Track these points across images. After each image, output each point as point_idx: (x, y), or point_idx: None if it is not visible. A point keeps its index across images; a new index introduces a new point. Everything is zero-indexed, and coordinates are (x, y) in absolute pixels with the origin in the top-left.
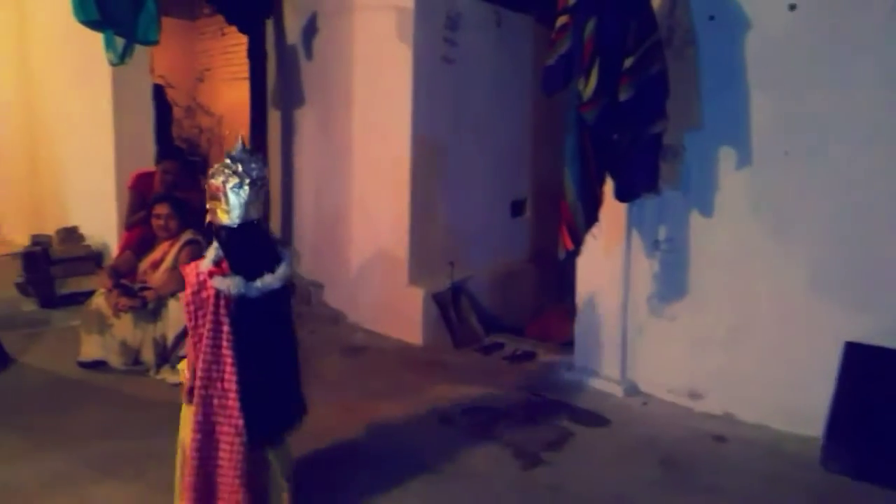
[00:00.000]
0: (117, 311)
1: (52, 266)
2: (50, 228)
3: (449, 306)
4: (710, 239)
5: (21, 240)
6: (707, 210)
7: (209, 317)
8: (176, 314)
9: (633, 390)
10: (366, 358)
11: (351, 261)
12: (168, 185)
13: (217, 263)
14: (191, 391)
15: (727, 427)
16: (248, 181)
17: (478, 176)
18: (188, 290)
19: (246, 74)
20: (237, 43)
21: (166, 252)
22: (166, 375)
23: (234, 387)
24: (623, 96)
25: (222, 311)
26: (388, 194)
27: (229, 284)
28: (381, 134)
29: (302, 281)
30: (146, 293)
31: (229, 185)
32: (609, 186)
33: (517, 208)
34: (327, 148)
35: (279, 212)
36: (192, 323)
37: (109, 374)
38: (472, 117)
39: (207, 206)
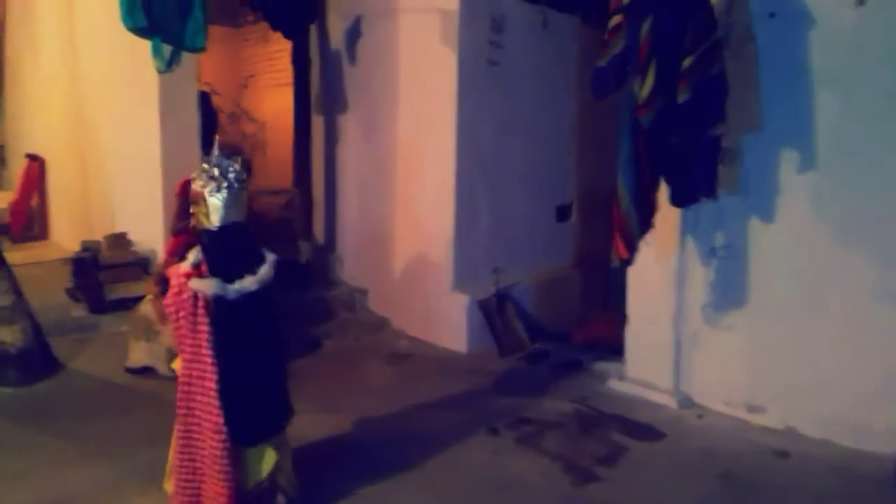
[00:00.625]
0: (164, 318)
1: (100, 272)
2: (98, 234)
3: (494, 313)
4: (771, 245)
5: (70, 245)
6: (768, 215)
7: (188, 317)
8: None
9: (686, 402)
10: (411, 365)
11: (395, 266)
12: None
13: (196, 266)
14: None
15: (789, 442)
16: (225, 184)
17: (522, 180)
18: (170, 292)
19: (289, 80)
20: (280, 49)
21: None
22: None
23: (213, 385)
24: (682, 98)
25: (200, 311)
26: (433, 199)
27: (206, 286)
28: (426, 138)
29: (345, 287)
30: None
31: (207, 189)
32: (663, 192)
33: (562, 213)
34: (371, 152)
35: (322, 217)
36: (175, 324)
37: (156, 381)
38: (517, 120)
39: (192, 211)
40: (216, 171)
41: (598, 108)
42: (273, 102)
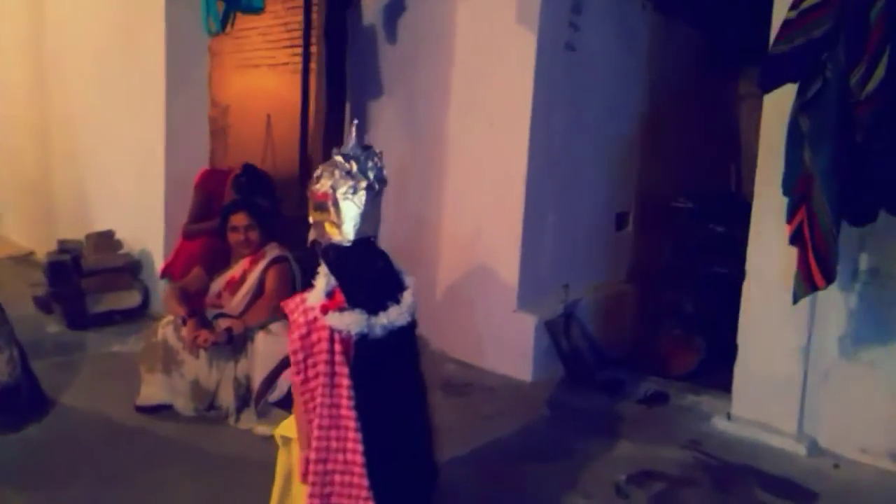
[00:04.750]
0: (195, 346)
1: (83, 278)
2: (64, 230)
3: (561, 335)
4: None
5: (25, 242)
6: None
7: (322, 367)
8: (265, 350)
9: (814, 449)
10: (474, 398)
11: (438, 279)
12: (244, 191)
13: (329, 295)
14: (306, 465)
15: None
16: (364, 184)
17: (588, 184)
18: (295, 334)
19: (258, 62)
20: (247, 28)
21: (247, 271)
22: (253, 425)
23: (359, 458)
24: None
25: (339, 358)
26: (494, 203)
27: (349, 322)
28: (489, 131)
29: None
30: (232, 324)
31: (341, 191)
32: None
33: (621, 221)
34: (411, 147)
35: None
36: (302, 376)
37: (178, 423)
38: (589, 115)
39: (311, 220)
40: (354, 167)
41: (663, 108)
42: (238, 85)
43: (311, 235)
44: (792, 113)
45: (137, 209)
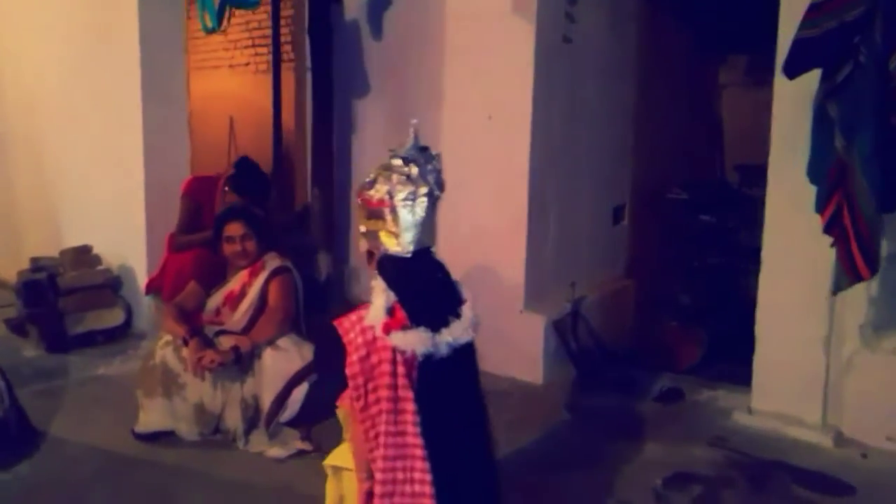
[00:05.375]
0: (201, 368)
1: (60, 297)
2: (37, 247)
3: (569, 335)
4: None
5: None
6: None
7: (385, 392)
8: (273, 367)
9: (840, 439)
10: (490, 405)
11: None
12: (242, 186)
13: (390, 312)
14: (367, 499)
15: None
16: (424, 191)
17: (587, 177)
18: (353, 356)
19: (218, 63)
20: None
21: (247, 284)
22: (264, 448)
23: (428, 489)
24: None
25: (402, 381)
26: (495, 201)
27: (415, 342)
28: (488, 129)
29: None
30: (238, 342)
31: (399, 197)
32: None
33: (618, 214)
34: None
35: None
36: (362, 402)
37: (181, 449)
38: (584, 109)
39: (363, 230)
40: (414, 171)
41: (653, 98)
42: (197, 87)
43: (362, 246)
44: (817, 99)
45: (115, 221)
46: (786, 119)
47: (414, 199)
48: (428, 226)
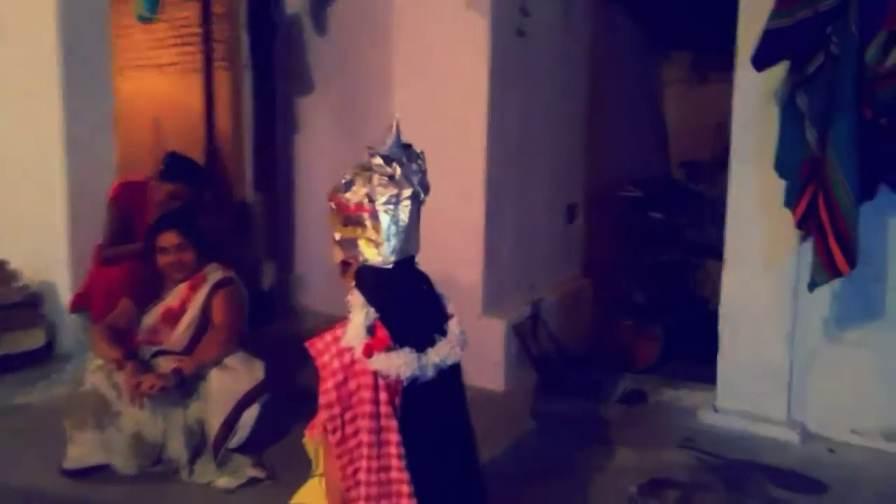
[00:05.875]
0: (139, 395)
1: None
2: None
3: (529, 338)
4: None
5: None
6: None
7: (365, 423)
8: (221, 389)
9: (807, 435)
10: None
11: None
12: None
13: (370, 331)
14: None
15: None
16: (408, 193)
17: (541, 177)
18: (329, 383)
19: (141, 62)
20: (129, 25)
21: (186, 299)
22: (212, 478)
23: None
24: None
25: (385, 409)
26: (450, 199)
27: (399, 365)
28: (442, 128)
29: (316, 317)
30: (180, 363)
31: (381, 201)
32: None
33: (571, 213)
34: (351, 145)
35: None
36: (339, 434)
37: (118, 485)
38: (540, 104)
39: (338, 237)
40: (398, 171)
41: (604, 95)
42: (125, 89)
43: (337, 256)
44: (787, 91)
45: (34, 232)
46: (746, 113)
47: (397, 203)
48: (412, 232)
